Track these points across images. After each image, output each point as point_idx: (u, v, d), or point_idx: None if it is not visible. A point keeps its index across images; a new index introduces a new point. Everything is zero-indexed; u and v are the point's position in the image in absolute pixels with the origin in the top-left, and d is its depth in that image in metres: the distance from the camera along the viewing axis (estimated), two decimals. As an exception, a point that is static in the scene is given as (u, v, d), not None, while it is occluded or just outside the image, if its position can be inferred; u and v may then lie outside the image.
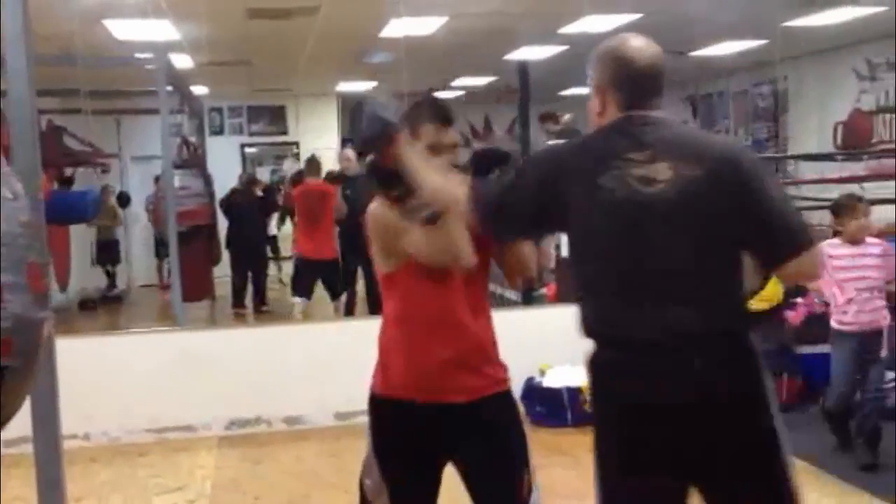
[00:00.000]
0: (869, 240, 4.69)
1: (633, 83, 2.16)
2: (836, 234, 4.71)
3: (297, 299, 7.85)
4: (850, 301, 4.59)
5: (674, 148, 2.09)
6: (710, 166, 2.06)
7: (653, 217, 2.06)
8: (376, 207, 2.34)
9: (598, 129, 2.20)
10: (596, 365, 2.17)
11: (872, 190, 7.64)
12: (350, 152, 7.64)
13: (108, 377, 5.33)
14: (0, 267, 1.43)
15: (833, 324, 4.68)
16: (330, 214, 7.60)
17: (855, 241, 4.62)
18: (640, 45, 2.17)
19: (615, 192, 2.07)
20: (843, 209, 4.69)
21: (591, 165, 2.11)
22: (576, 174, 2.14)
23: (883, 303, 4.65)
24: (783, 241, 2.07)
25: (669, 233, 2.06)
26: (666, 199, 2.05)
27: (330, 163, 9.99)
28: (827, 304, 4.86)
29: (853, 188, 7.84)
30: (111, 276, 11.02)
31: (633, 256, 2.08)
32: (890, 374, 5.48)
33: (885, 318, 4.64)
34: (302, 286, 7.87)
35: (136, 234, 11.81)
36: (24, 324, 1.48)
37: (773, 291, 5.17)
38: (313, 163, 8.15)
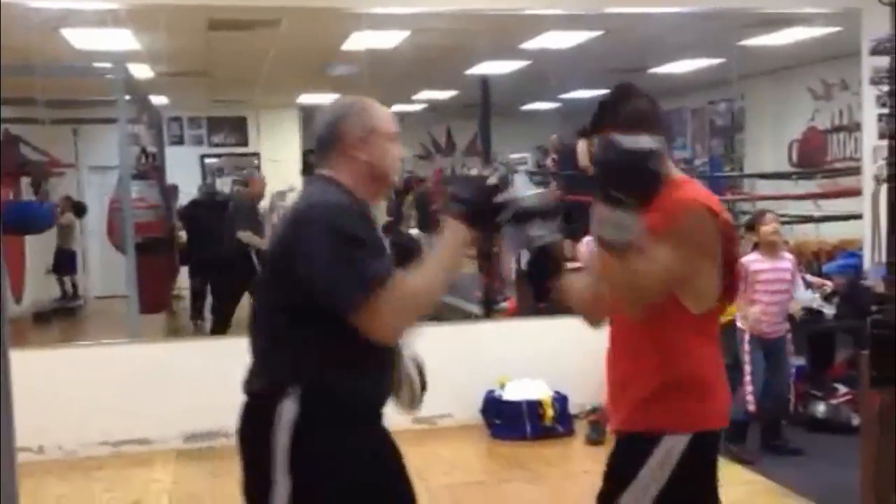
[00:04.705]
0: (783, 254, 5.20)
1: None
2: (754, 248, 5.14)
3: None
4: (765, 311, 5.05)
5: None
6: (279, 231, 2.17)
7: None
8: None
9: None
10: None
11: (827, 207, 7.79)
12: None
13: (63, 390, 5.26)
14: None
15: (746, 332, 5.09)
16: None
17: (771, 249, 5.06)
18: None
19: None
20: (754, 222, 5.20)
21: None
22: None
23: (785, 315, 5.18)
24: (335, 301, 2.01)
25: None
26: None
27: (292, 175, 9.96)
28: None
29: (807, 205, 8.01)
30: (64, 287, 10.85)
31: None
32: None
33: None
34: None
35: (93, 245, 11.65)
36: None
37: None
38: None
